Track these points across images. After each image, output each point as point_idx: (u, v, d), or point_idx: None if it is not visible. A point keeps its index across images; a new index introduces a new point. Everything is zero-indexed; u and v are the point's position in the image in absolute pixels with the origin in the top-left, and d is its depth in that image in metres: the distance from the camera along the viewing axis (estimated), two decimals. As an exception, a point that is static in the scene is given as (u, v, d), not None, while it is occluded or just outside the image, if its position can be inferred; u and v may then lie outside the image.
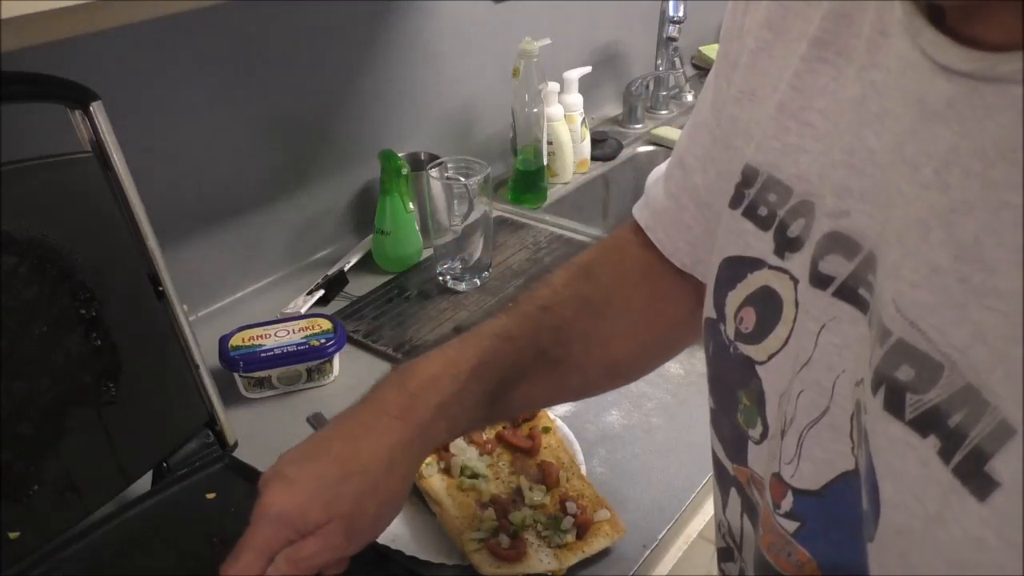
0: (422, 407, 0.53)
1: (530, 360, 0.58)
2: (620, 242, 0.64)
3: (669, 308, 0.60)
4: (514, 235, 1.26)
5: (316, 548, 0.51)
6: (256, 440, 0.85)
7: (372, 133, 1.21)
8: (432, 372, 0.54)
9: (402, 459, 0.53)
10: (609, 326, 0.61)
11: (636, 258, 0.62)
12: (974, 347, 0.29)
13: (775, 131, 0.43)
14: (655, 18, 1.67)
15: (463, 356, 0.55)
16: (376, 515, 0.53)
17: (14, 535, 0.62)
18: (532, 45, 1.25)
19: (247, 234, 1.11)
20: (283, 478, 0.52)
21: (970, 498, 0.28)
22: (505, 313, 0.60)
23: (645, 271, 0.61)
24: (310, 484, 0.51)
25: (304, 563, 0.51)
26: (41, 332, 0.62)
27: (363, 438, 0.53)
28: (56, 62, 0.66)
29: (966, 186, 0.30)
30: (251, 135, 1.07)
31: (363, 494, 0.52)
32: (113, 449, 0.69)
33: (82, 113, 0.65)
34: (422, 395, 0.53)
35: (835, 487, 0.39)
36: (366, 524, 0.53)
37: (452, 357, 0.56)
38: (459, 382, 0.54)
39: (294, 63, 1.08)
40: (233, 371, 0.90)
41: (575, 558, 0.70)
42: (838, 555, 0.40)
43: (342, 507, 0.51)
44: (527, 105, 1.28)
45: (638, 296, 0.62)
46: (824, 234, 0.39)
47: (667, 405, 0.91)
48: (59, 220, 0.64)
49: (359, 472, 0.52)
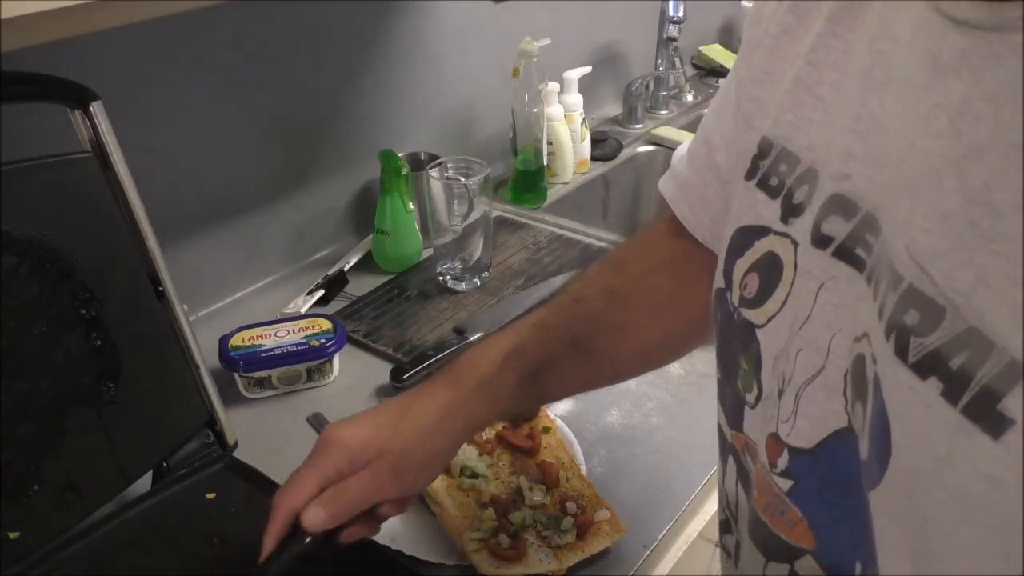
0: (464, 383, 0.61)
1: (564, 348, 0.63)
2: (650, 235, 0.68)
3: (695, 294, 0.62)
4: (514, 235, 1.26)
5: (363, 485, 0.57)
6: (256, 440, 0.85)
7: (372, 133, 1.21)
8: (471, 358, 0.62)
9: (449, 420, 0.60)
10: (636, 316, 0.65)
11: (664, 248, 0.66)
12: (978, 290, 0.30)
13: (790, 104, 0.45)
14: (655, 18, 1.67)
15: (500, 343, 0.63)
16: (422, 463, 0.59)
17: (14, 535, 0.62)
18: (532, 45, 1.25)
19: (247, 234, 1.11)
20: (346, 421, 0.61)
21: (983, 437, 0.29)
22: (544, 305, 0.67)
23: (672, 260, 0.65)
24: (369, 423, 0.60)
25: (349, 499, 0.56)
26: (41, 332, 0.62)
27: (416, 399, 0.61)
28: (56, 62, 0.66)
29: (976, 131, 0.31)
30: (251, 135, 1.07)
31: (414, 439, 0.58)
32: (113, 449, 0.69)
33: (82, 113, 0.65)
34: (464, 374, 0.62)
35: (828, 445, 0.40)
36: (412, 468, 0.59)
37: (490, 344, 0.63)
38: (495, 365, 0.61)
39: (294, 63, 1.08)
40: (233, 371, 0.90)
41: (575, 558, 0.70)
42: (828, 515, 0.41)
43: (395, 444, 0.58)
44: (527, 105, 1.28)
45: (664, 285, 0.65)
46: (826, 197, 0.41)
47: (667, 405, 0.91)
48: (59, 220, 0.64)
49: (413, 419, 0.59)
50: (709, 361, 0.97)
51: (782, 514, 0.44)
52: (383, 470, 0.57)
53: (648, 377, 0.96)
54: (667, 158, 1.61)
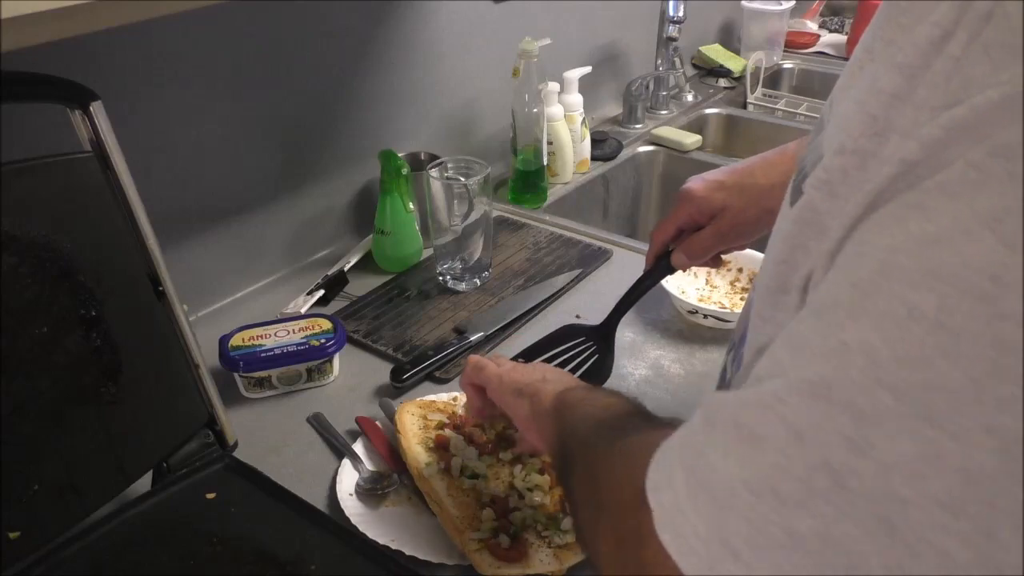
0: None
1: None
2: None
3: None
4: (514, 235, 1.26)
5: (710, 237, 0.78)
6: (256, 440, 0.85)
7: (372, 133, 1.21)
8: (791, 150, 0.75)
9: (783, 186, 0.68)
10: None
11: None
12: (832, 111, 0.40)
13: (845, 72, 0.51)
14: (655, 18, 1.67)
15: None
16: (756, 218, 0.76)
17: (14, 535, 0.62)
18: (532, 45, 1.25)
19: (247, 234, 1.11)
20: (699, 177, 0.79)
21: (787, 207, 0.42)
22: (797, 141, 0.76)
23: None
24: (717, 182, 0.77)
25: (703, 247, 0.79)
26: (41, 332, 0.62)
27: (760, 164, 0.77)
28: (56, 62, 0.66)
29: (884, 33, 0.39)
30: (251, 135, 1.07)
31: (752, 198, 0.75)
32: (113, 449, 0.69)
33: (82, 113, 0.65)
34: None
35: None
36: (748, 221, 0.77)
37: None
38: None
39: (294, 63, 1.08)
40: (233, 371, 0.90)
41: (575, 558, 0.70)
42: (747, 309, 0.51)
43: (736, 201, 0.76)
44: (527, 105, 1.28)
45: None
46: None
47: (667, 405, 0.91)
48: (59, 220, 0.64)
49: (752, 181, 0.76)
50: (709, 361, 0.98)
51: (742, 319, 0.53)
52: (725, 225, 0.77)
53: (648, 377, 0.96)
54: (667, 158, 1.62)
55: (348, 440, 0.85)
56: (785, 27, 1.99)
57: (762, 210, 0.75)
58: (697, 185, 0.78)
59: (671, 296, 1.03)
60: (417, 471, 0.76)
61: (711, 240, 0.79)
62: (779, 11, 1.94)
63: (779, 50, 2.00)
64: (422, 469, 0.76)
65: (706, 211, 0.78)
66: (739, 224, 0.77)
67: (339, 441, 0.85)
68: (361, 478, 0.79)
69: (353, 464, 0.81)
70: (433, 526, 0.74)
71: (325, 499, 0.78)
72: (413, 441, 0.80)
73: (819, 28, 2.22)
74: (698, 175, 0.80)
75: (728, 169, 0.79)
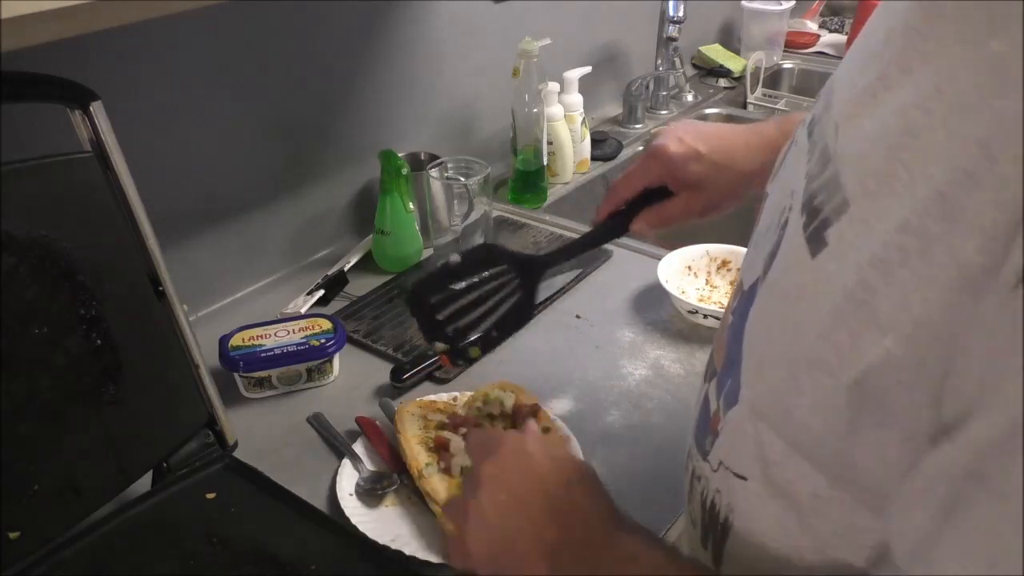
0: (772, 130, 0.73)
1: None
2: None
3: None
4: (514, 235, 1.26)
5: (679, 209, 0.75)
6: (256, 440, 0.85)
7: (372, 133, 1.21)
8: (792, 119, 0.71)
9: (755, 151, 0.72)
10: None
11: None
12: (848, 146, 0.37)
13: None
14: (655, 18, 1.67)
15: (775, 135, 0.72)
16: (729, 203, 0.75)
17: (14, 535, 0.62)
18: (532, 45, 1.25)
19: (247, 234, 1.11)
20: (676, 137, 0.74)
21: (807, 256, 0.38)
22: (774, 122, 0.75)
23: None
24: (688, 145, 0.73)
25: (669, 216, 0.75)
26: (41, 332, 0.62)
27: (732, 131, 0.75)
28: (56, 62, 0.66)
29: (891, 44, 0.36)
30: (251, 135, 1.07)
31: (722, 166, 0.73)
32: (113, 449, 0.69)
33: (82, 113, 0.65)
34: (783, 126, 0.72)
35: (752, 286, 0.46)
36: (721, 206, 0.75)
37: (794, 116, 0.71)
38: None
39: (294, 63, 1.08)
40: (233, 371, 0.90)
41: (575, 558, 0.70)
42: (733, 339, 0.47)
43: (713, 181, 0.73)
44: (527, 105, 1.28)
45: None
46: (825, 88, 0.45)
47: (667, 405, 0.91)
48: (59, 220, 0.64)
49: (723, 149, 0.73)
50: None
51: (720, 344, 0.51)
52: (698, 203, 0.74)
53: (648, 377, 0.96)
54: (667, 158, 1.62)
55: (348, 440, 0.85)
56: (785, 27, 1.99)
57: (736, 195, 0.74)
58: (674, 147, 0.73)
59: (671, 296, 1.03)
60: (417, 471, 0.76)
61: (680, 214, 0.76)
62: (779, 11, 1.94)
63: (779, 50, 2.00)
64: (422, 469, 0.76)
65: (679, 179, 0.74)
66: (712, 206, 0.75)
67: (339, 441, 0.85)
68: (361, 478, 0.79)
69: (353, 464, 0.81)
70: (433, 526, 0.74)
71: (325, 499, 0.78)
72: (413, 441, 0.80)
73: (819, 28, 2.22)
74: (671, 129, 0.75)
75: (705, 136, 0.74)
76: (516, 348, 1.00)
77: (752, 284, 0.46)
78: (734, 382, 0.45)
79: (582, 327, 1.05)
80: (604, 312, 1.07)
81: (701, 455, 0.49)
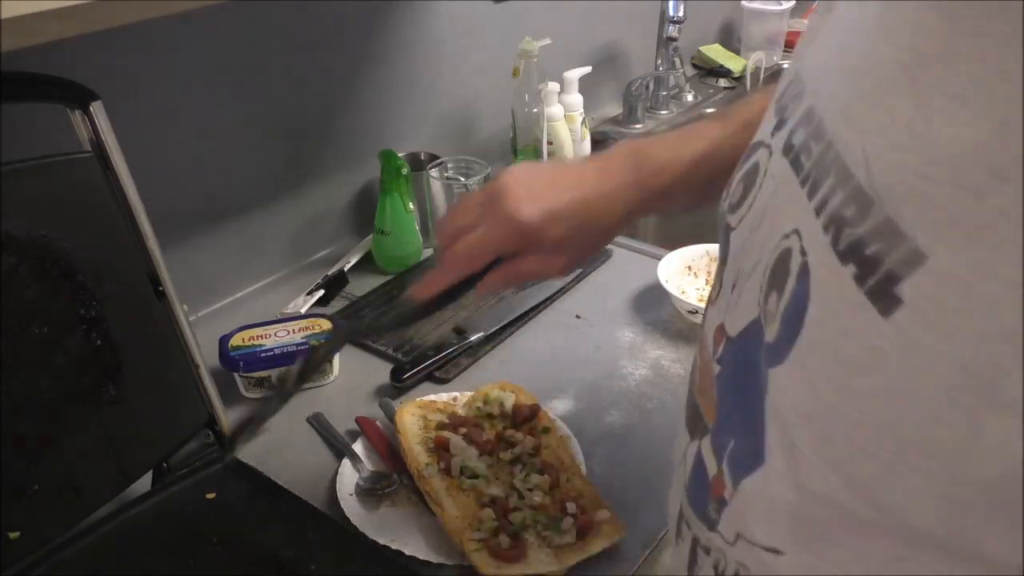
0: (648, 186, 0.65)
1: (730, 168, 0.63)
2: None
3: None
4: (514, 235, 1.26)
5: (535, 267, 0.66)
6: (256, 440, 0.85)
7: (372, 133, 1.21)
8: (662, 161, 0.65)
9: (614, 202, 0.65)
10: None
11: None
12: (895, 185, 0.33)
13: (809, 29, 0.45)
14: (655, 18, 1.67)
15: (688, 149, 0.65)
16: (592, 248, 0.69)
17: (14, 535, 0.62)
18: (532, 45, 1.25)
19: (247, 234, 1.11)
20: (528, 192, 0.64)
21: (876, 315, 0.33)
22: (716, 119, 0.68)
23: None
24: (552, 211, 0.63)
25: (522, 275, 0.67)
26: (41, 332, 0.62)
27: (596, 178, 0.66)
28: (56, 62, 0.66)
29: (930, 43, 0.32)
30: (251, 135, 1.07)
31: (592, 237, 0.67)
32: (113, 449, 0.69)
33: (82, 113, 0.65)
34: (650, 182, 0.65)
35: (745, 332, 0.43)
36: (581, 261, 0.69)
37: (678, 148, 0.65)
38: (683, 167, 0.64)
39: (294, 63, 1.08)
40: (233, 371, 0.90)
41: (575, 558, 0.70)
42: (730, 395, 0.45)
43: (574, 241, 0.65)
44: (527, 105, 1.28)
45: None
46: (803, 110, 0.42)
47: (667, 405, 0.91)
48: (59, 220, 0.64)
49: (594, 225, 0.65)
50: (709, 361, 0.98)
51: (707, 397, 0.48)
52: (555, 263, 0.67)
53: (648, 377, 0.96)
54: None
55: (348, 440, 0.85)
56: (785, 27, 1.99)
57: (598, 250, 0.70)
58: (532, 217, 0.63)
59: (671, 296, 1.03)
60: (417, 471, 0.76)
61: (537, 274, 0.67)
62: (779, 11, 1.94)
63: (779, 50, 2.00)
64: (422, 469, 0.76)
65: (534, 244, 0.64)
66: (572, 264, 0.68)
67: (339, 441, 0.85)
68: (361, 478, 0.79)
69: (353, 464, 0.81)
70: (433, 526, 0.74)
71: (325, 499, 0.78)
72: (413, 441, 0.80)
73: (819, 28, 2.22)
74: (517, 179, 0.65)
75: (558, 186, 0.65)
76: (516, 348, 1.00)
77: (744, 333, 0.42)
78: (746, 446, 0.41)
79: (582, 327, 1.05)
80: (604, 312, 1.07)
81: (705, 525, 0.46)
